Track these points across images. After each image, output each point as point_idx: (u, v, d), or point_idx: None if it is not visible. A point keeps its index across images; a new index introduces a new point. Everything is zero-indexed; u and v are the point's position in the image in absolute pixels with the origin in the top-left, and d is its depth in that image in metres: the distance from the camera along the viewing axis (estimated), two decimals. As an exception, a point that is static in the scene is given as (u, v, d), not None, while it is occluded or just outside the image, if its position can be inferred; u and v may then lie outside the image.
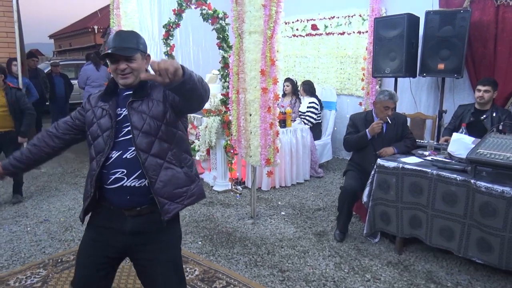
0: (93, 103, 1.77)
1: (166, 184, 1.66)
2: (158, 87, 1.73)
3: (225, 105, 4.53)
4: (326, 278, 2.80)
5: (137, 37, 1.75)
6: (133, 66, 1.68)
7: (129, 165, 1.64)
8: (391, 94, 3.37)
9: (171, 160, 1.70)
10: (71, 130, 1.80)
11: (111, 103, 1.73)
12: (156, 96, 1.72)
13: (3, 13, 5.93)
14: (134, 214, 1.68)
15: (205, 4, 4.66)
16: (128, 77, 1.69)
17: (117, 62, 1.67)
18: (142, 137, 1.65)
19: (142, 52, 1.72)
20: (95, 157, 1.68)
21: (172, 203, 1.68)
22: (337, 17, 6.04)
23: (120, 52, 1.65)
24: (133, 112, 1.68)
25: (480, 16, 4.28)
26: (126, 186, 1.64)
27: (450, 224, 2.78)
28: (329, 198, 4.45)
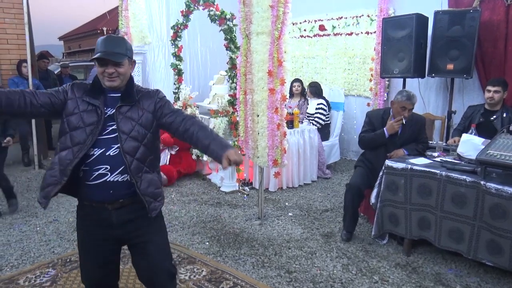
0: (77, 93, 1.80)
1: (149, 185, 1.79)
2: (149, 99, 1.86)
3: (232, 106, 4.54)
4: (334, 280, 2.79)
5: (125, 43, 1.83)
6: (121, 71, 1.77)
7: (112, 161, 1.73)
8: (409, 96, 3.31)
9: (149, 166, 1.82)
10: (49, 106, 1.76)
11: (100, 101, 1.79)
12: (148, 107, 1.84)
13: (14, 15, 6.00)
14: (117, 207, 1.77)
15: (212, 5, 4.68)
16: (115, 80, 1.78)
17: (105, 66, 1.75)
18: (129, 142, 1.76)
19: (129, 58, 1.81)
20: (71, 147, 1.72)
21: (155, 201, 1.83)
22: (345, 17, 6.02)
23: (110, 57, 1.73)
24: (121, 116, 1.78)
25: (490, 16, 4.23)
26: (110, 181, 1.73)
27: (459, 225, 2.75)
28: (336, 199, 4.43)
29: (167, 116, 1.85)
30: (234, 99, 4.43)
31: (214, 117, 4.78)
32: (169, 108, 1.88)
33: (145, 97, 1.86)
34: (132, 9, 5.62)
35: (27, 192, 4.78)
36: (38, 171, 5.63)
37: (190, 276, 2.82)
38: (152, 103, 1.85)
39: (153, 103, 1.85)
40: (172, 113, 1.86)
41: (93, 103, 1.77)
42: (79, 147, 1.71)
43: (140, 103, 1.83)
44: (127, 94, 1.82)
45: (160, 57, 6.58)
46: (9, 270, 2.94)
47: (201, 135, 1.81)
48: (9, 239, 3.46)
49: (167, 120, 1.84)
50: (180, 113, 1.88)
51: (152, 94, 1.90)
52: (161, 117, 1.84)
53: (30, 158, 5.89)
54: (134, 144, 1.76)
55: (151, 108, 1.84)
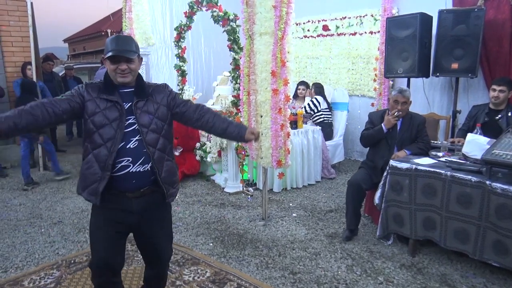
0: (93, 94, 1.88)
1: (169, 174, 1.96)
2: (161, 93, 2.01)
3: (236, 106, 4.53)
4: (338, 281, 2.78)
5: (134, 41, 1.94)
6: (132, 67, 1.88)
7: (133, 153, 1.86)
8: (401, 89, 3.41)
9: (169, 154, 1.99)
10: (70, 111, 1.83)
11: (116, 96, 1.89)
12: (161, 100, 1.99)
13: (18, 18, 6.04)
14: (138, 195, 1.91)
15: (216, 6, 4.68)
16: (127, 76, 1.88)
17: (118, 63, 1.85)
18: (150, 134, 1.90)
19: (138, 55, 1.93)
20: (103, 143, 1.83)
21: (172, 188, 2.01)
22: (349, 17, 6.00)
23: (123, 54, 1.83)
24: (138, 111, 1.90)
25: (495, 15, 4.20)
26: (132, 172, 1.86)
27: (465, 226, 2.73)
28: (341, 200, 4.41)
29: (181, 106, 2.03)
30: (238, 100, 4.43)
31: (217, 118, 4.76)
32: (179, 98, 2.06)
33: (157, 91, 2.00)
34: (136, 11, 5.63)
35: (32, 193, 4.80)
36: (43, 173, 5.66)
37: (194, 277, 2.81)
38: (165, 96, 2.00)
39: (166, 97, 2.01)
40: (184, 103, 2.05)
41: (111, 99, 1.87)
42: (111, 142, 1.82)
43: (153, 97, 1.97)
44: (140, 89, 1.94)
45: (164, 58, 6.60)
46: (14, 271, 2.95)
47: (217, 120, 2.04)
48: (14, 241, 3.47)
49: (182, 110, 2.02)
50: (191, 103, 2.08)
51: (162, 88, 2.04)
52: (175, 107, 2.01)
53: (35, 160, 5.92)
54: (154, 136, 1.90)
55: (164, 102, 1.99)
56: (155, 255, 2.11)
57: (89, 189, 1.87)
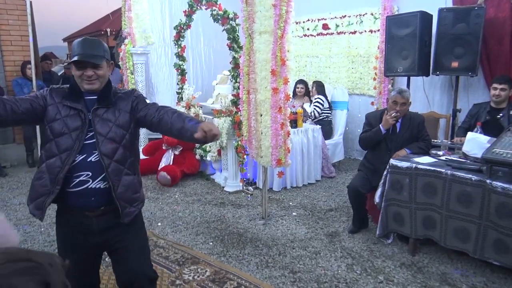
0: (56, 99, 1.75)
1: (127, 189, 1.76)
2: (126, 99, 1.84)
3: (235, 105, 4.52)
4: (338, 280, 2.77)
5: (102, 45, 1.79)
6: (100, 73, 1.74)
7: (94, 167, 1.70)
8: (401, 90, 3.38)
9: (129, 167, 1.80)
10: (31, 112, 1.70)
11: (81, 104, 1.75)
12: (124, 107, 1.82)
13: (18, 16, 6.02)
14: (98, 214, 1.74)
15: (215, 5, 4.66)
16: (94, 83, 1.75)
17: (84, 69, 1.71)
18: (107, 143, 1.72)
19: (107, 60, 1.78)
20: (58, 154, 1.68)
21: (131, 207, 1.80)
22: (349, 16, 5.99)
23: (88, 59, 1.70)
24: (97, 119, 1.74)
25: (495, 13, 4.20)
26: (92, 188, 1.69)
27: (465, 225, 2.73)
28: (341, 199, 4.40)
29: (142, 110, 1.82)
30: (238, 99, 4.42)
31: (217, 117, 4.76)
32: (143, 103, 1.86)
33: (122, 99, 1.84)
34: (135, 10, 5.62)
35: (31, 193, 4.78)
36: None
37: (194, 276, 2.81)
38: (129, 102, 1.83)
39: (130, 102, 1.84)
40: (145, 106, 1.84)
41: (75, 107, 1.73)
42: (67, 154, 1.67)
43: (117, 104, 1.81)
44: (104, 96, 1.79)
45: (163, 57, 6.59)
46: (14, 271, 2.94)
47: (175, 119, 1.77)
48: (14, 240, 3.46)
49: (141, 114, 1.81)
50: (154, 105, 1.86)
51: (128, 94, 1.87)
52: (136, 112, 1.82)
53: (34, 159, 5.91)
54: (112, 145, 1.73)
55: (128, 108, 1.82)
56: (127, 279, 1.84)
57: (36, 202, 1.72)
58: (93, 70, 1.72)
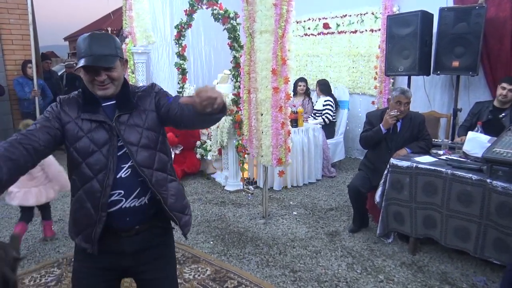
0: (72, 113, 1.49)
1: (177, 198, 1.59)
2: (148, 97, 1.59)
3: (236, 105, 4.53)
4: (339, 279, 2.78)
5: (113, 41, 1.50)
6: (114, 75, 1.48)
7: (126, 184, 1.47)
8: (403, 90, 3.36)
9: (171, 172, 1.60)
10: (52, 143, 1.44)
11: (102, 114, 1.50)
12: (149, 106, 1.57)
13: (19, 16, 6.03)
14: (132, 234, 1.53)
15: (216, 4, 4.67)
16: (109, 88, 1.49)
17: (95, 73, 1.44)
18: (142, 152, 1.49)
19: (120, 58, 1.51)
20: (94, 176, 1.45)
21: (185, 215, 1.62)
22: (349, 15, 5.99)
23: (100, 63, 1.43)
24: (123, 127, 1.49)
25: (496, 12, 4.19)
26: (126, 207, 1.48)
27: (465, 224, 2.73)
28: (341, 198, 4.41)
29: (164, 106, 1.57)
30: (238, 98, 4.42)
31: (218, 116, 4.76)
32: (165, 97, 1.61)
33: (143, 97, 1.59)
34: (136, 9, 5.62)
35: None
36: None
37: (194, 275, 2.82)
38: (152, 99, 1.58)
39: (153, 99, 1.59)
40: (167, 102, 1.59)
41: (96, 119, 1.48)
42: (103, 174, 1.44)
43: (140, 105, 1.56)
44: (124, 100, 1.54)
45: (164, 56, 6.60)
46: (15, 269, 2.95)
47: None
48: (15, 239, 3.47)
49: (164, 110, 1.56)
50: (176, 98, 1.59)
51: (148, 90, 1.62)
52: (159, 108, 1.57)
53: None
54: (148, 153, 1.50)
55: (152, 106, 1.57)
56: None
57: (83, 235, 1.50)
58: (106, 73, 1.46)
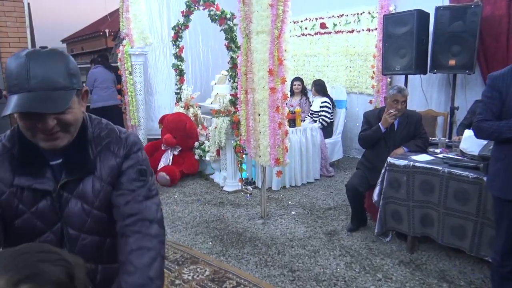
0: (6, 177, 1.05)
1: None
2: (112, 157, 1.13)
3: (234, 105, 4.54)
4: (337, 278, 2.79)
5: (66, 62, 1.01)
6: (68, 119, 1.01)
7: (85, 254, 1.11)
8: (400, 88, 3.38)
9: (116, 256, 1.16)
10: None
11: (48, 177, 1.07)
12: (107, 173, 1.12)
13: (16, 18, 6.03)
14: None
15: (213, 5, 4.68)
16: (59, 137, 1.02)
17: (36, 118, 0.97)
18: (87, 241, 1.12)
19: (78, 91, 1.04)
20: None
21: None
22: (346, 15, 6.00)
23: (45, 108, 0.94)
24: (67, 199, 1.09)
25: (492, 11, 4.21)
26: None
27: (462, 222, 2.74)
28: (339, 197, 4.42)
29: (119, 192, 1.13)
30: (236, 99, 4.43)
31: (216, 117, 4.78)
32: (132, 176, 1.14)
33: (107, 154, 1.13)
34: (133, 11, 5.63)
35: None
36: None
37: (193, 276, 2.82)
38: (115, 167, 1.12)
39: (115, 168, 1.12)
40: (127, 191, 1.13)
41: (40, 187, 1.05)
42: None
43: (97, 165, 1.11)
44: (75, 157, 1.08)
45: (162, 57, 6.60)
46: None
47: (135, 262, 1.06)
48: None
49: (114, 199, 1.13)
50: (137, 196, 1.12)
51: (118, 142, 1.15)
52: (115, 188, 1.13)
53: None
54: (95, 240, 1.14)
55: (113, 172, 1.12)
56: None
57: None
58: (56, 116, 0.98)
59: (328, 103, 5.44)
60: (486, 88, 2.14)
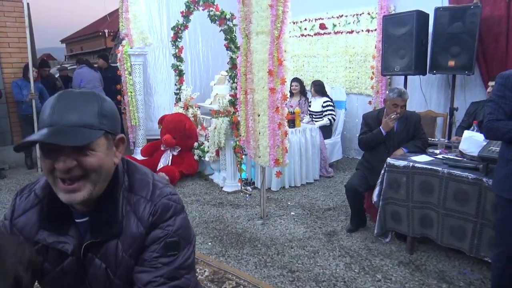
0: (30, 231, 0.99)
1: None
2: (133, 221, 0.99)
3: (233, 106, 4.54)
4: (336, 279, 2.79)
5: (98, 103, 0.93)
6: (90, 163, 0.90)
7: None
8: (400, 92, 3.36)
9: None
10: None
11: (70, 235, 0.98)
12: (137, 233, 0.98)
13: (15, 19, 6.02)
14: None
15: (212, 6, 4.68)
16: (78, 189, 0.91)
17: (56, 154, 0.89)
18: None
19: (108, 133, 0.94)
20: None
21: None
22: (346, 15, 6.01)
23: (58, 140, 0.85)
24: (92, 264, 0.99)
25: (491, 11, 4.21)
26: None
27: (461, 223, 2.74)
28: (339, 198, 4.42)
29: (140, 269, 0.99)
30: (235, 99, 4.43)
31: (215, 117, 4.78)
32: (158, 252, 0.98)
33: (132, 213, 0.99)
34: (133, 11, 5.63)
35: (30, 194, 4.79)
36: (41, 173, 5.65)
37: (192, 276, 2.82)
38: (137, 232, 0.98)
39: (139, 234, 0.98)
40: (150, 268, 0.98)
41: (60, 247, 0.97)
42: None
43: (126, 228, 0.98)
44: (103, 216, 0.97)
45: (161, 58, 6.60)
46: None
47: None
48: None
49: (135, 276, 0.99)
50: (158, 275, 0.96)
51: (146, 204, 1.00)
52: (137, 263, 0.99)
53: (33, 161, 5.92)
54: None
55: (136, 245, 0.98)
56: None
57: None
58: (76, 157, 0.89)
59: (331, 102, 5.47)
60: (497, 87, 2.11)
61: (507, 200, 2.09)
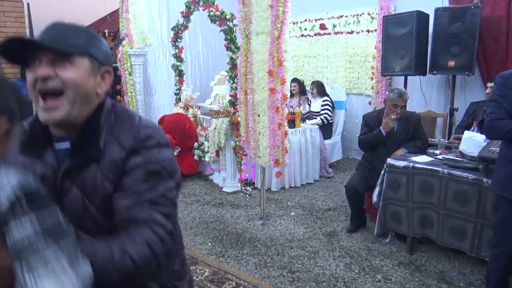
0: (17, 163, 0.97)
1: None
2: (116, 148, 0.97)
3: (233, 106, 4.54)
4: (336, 279, 2.78)
5: (87, 34, 0.97)
6: (68, 75, 0.91)
7: None
8: (401, 92, 3.36)
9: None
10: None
11: (46, 161, 0.98)
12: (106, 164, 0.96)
13: (15, 19, 6.02)
14: None
15: (212, 6, 4.68)
16: (56, 107, 0.92)
17: (39, 64, 0.91)
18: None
19: (94, 60, 0.96)
20: None
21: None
22: (346, 16, 6.01)
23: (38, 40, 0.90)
24: (67, 186, 0.97)
25: (491, 12, 4.21)
26: None
27: (461, 223, 2.74)
28: (339, 198, 4.42)
29: (121, 194, 0.96)
30: (235, 99, 4.43)
31: (215, 118, 4.78)
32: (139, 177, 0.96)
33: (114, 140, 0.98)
34: (133, 11, 5.62)
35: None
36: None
37: (192, 276, 2.82)
38: (118, 156, 0.97)
39: (120, 158, 0.97)
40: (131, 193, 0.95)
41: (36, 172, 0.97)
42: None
43: (104, 155, 0.97)
44: (83, 141, 0.97)
45: (161, 58, 6.59)
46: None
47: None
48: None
49: (114, 202, 0.96)
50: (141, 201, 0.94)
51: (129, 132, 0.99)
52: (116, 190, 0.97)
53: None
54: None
55: (115, 169, 0.97)
56: None
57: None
58: (53, 67, 0.90)
59: (329, 102, 5.48)
60: (498, 87, 2.11)
61: (508, 200, 2.09)
